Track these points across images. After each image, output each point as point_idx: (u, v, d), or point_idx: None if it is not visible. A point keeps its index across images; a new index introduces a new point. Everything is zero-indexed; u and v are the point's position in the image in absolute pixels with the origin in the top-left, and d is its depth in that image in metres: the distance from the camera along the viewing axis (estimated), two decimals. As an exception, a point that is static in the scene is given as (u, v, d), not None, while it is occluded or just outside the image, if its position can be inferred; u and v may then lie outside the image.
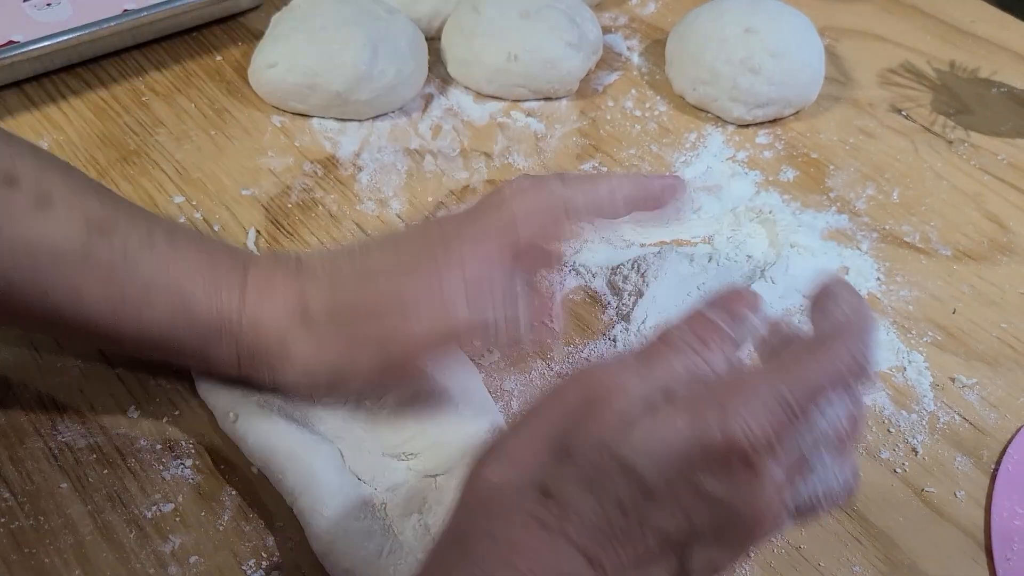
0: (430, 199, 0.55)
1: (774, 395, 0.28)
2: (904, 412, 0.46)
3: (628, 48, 0.69)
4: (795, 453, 0.29)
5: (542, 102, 0.63)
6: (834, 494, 0.31)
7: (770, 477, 0.28)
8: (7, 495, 0.39)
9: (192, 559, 0.38)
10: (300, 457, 0.39)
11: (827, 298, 0.33)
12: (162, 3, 0.61)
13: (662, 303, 0.50)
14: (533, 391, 0.45)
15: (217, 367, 0.40)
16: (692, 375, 0.31)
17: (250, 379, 0.40)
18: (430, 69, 0.62)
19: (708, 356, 0.31)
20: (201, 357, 0.40)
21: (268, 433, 0.40)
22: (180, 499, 0.40)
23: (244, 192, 0.54)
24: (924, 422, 0.46)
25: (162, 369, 0.44)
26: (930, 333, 0.50)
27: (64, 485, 0.40)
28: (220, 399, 0.42)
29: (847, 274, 0.52)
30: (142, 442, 0.41)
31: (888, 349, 0.49)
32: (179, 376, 0.44)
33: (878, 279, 0.53)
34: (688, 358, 0.31)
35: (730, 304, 0.33)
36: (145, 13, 0.60)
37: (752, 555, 0.40)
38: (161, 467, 0.41)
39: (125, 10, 0.60)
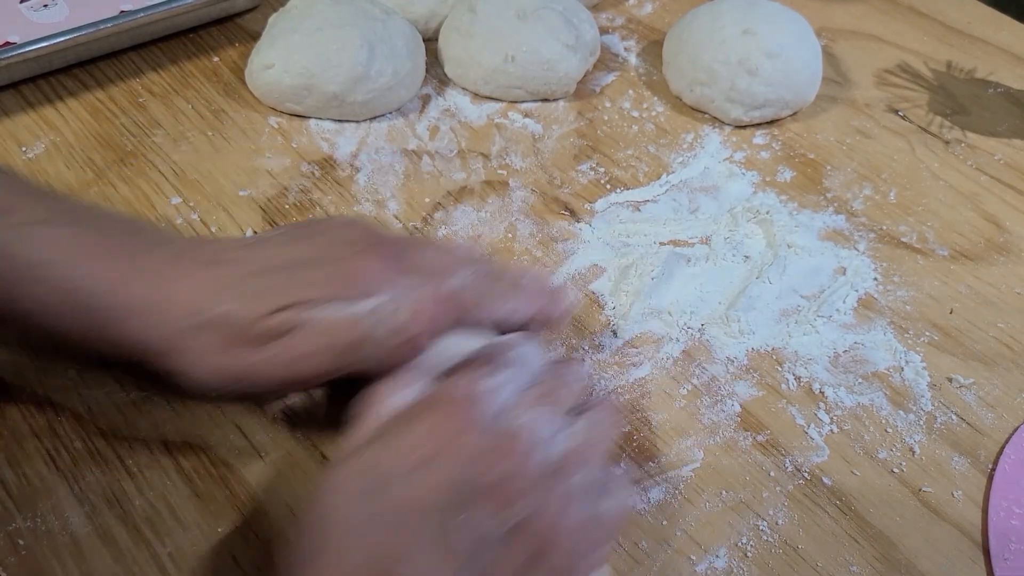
0: (427, 200, 0.55)
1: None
2: (901, 412, 0.46)
3: (625, 49, 0.69)
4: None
5: (539, 103, 0.63)
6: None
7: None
8: (4, 497, 0.39)
9: (190, 561, 0.38)
10: None
11: None
12: (159, 4, 0.61)
13: (659, 303, 0.50)
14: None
15: (114, 355, 0.38)
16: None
17: (146, 369, 0.38)
18: (427, 70, 0.62)
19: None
20: (97, 342, 0.38)
21: None
22: (178, 501, 0.40)
23: (241, 193, 0.54)
24: (921, 422, 0.46)
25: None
26: (927, 333, 0.50)
27: (61, 487, 0.40)
28: None
29: (844, 274, 0.52)
30: (139, 443, 0.41)
31: (885, 349, 0.49)
32: (176, 377, 0.44)
33: (875, 279, 0.53)
34: None
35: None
36: (142, 14, 0.60)
37: (749, 555, 0.40)
38: (159, 468, 0.41)
39: (122, 11, 0.60)
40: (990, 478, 0.44)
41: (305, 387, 0.42)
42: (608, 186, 0.57)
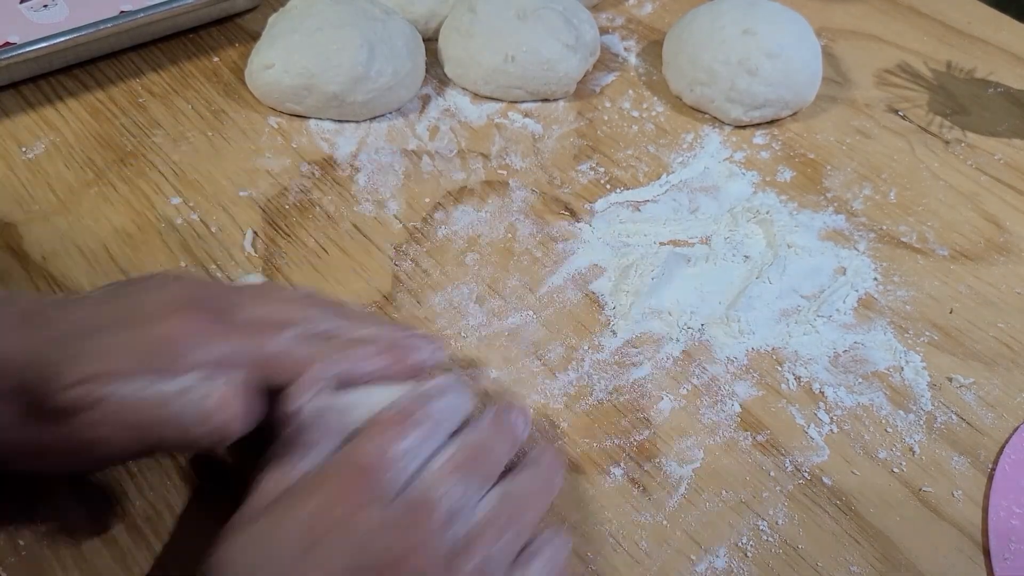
0: (427, 200, 0.55)
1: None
2: (901, 412, 0.46)
3: (625, 49, 0.69)
4: None
5: (539, 103, 0.63)
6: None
7: None
8: (4, 497, 0.39)
9: (190, 561, 0.38)
10: None
11: None
12: (159, 4, 0.61)
13: (659, 303, 0.50)
14: (524, 388, 0.45)
15: None
16: None
17: None
18: (427, 70, 0.62)
19: None
20: None
21: None
22: (178, 501, 0.40)
23: (241, 193, 0.54)
24: (921, 422, 0.46)
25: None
26: (927, 333, 0.50)
27: (62, 487, 0.40)
28: None
29: (844, 274, 0.52)
30: (139, 444, 0.41)
31: (886, 349, 0.49)
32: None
33: (875, 279, 0.53)
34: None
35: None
36: (142, 14, 0.60)
37: (749, 555, 0.40)
38: (159, 468, 0.41)
39: (122, 11, 0.60)
40: (990, 478, 0.44)
41: (113, 465, 0.39)
42: (608, 186, 0.57)
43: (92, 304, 0.35)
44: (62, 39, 0.58)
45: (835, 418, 0.46)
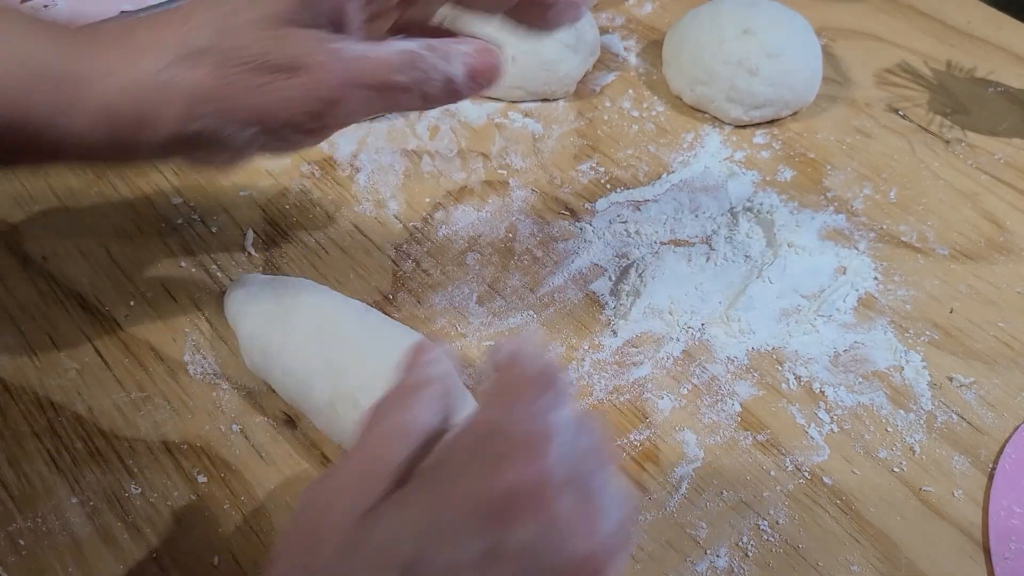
0: (427, 200, 0.55)
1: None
2: (902, 411, 0.46)
3: (625, 49, 0.69)
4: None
5: (539, 103, 0.63)
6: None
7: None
8: (5, 497, 0.39)
9: (190, 561, 0.38)
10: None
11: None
12: (159, 4, 0.60)
13: (659, 303, 0.50)
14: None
15: (81, 135, 0.35)
16: None
17: (116, 148, 0.35)
18: (427, 70, 0.62)
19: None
20: (62, 121, 0.34)
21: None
22: (178, 501, 0.40)
23: (242, 193, 0.54)
24: (922, 421, 0.46)
25: (160, 369, 0.44)
26: (927, 332, 0.50)
27: (62, 487, 0.40)
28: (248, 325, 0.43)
29: (844, 274, 0.52)
30: (140, 443, 0.41)
31: (886, 348, 0.49)
32: (177, 377, 0.44)
33: (875, 279, 0.53)
34: None
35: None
36: (142, 15, 0.60)
37: (750, 555, 0.40)
38: (159, 468, 0.41)
39: (122, 11, 0.60)
40: (990, 477, 0.44)
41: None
42: (608, 186, 0.57)
43: None
44: (62, 39, 0.57)
45: (835, 418, 0.46)
